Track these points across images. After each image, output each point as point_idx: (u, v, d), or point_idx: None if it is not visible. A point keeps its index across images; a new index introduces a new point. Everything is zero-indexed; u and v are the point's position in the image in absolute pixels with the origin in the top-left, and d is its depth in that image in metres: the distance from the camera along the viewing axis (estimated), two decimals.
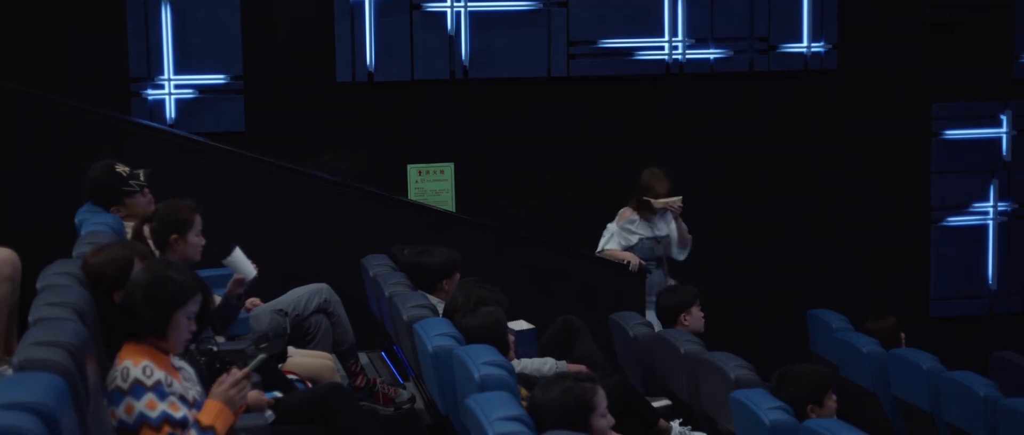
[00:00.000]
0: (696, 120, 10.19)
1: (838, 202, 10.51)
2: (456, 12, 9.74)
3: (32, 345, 3.97)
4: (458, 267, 7.14)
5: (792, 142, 10.42)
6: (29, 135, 7.96)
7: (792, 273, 10.34)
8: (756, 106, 10.32)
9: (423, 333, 5.81)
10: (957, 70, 10.59)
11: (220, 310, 6.08)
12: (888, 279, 10.58)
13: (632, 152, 9.82)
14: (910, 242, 10.73)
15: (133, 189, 6.77)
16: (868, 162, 10.56)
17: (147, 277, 4.54)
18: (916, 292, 10.72)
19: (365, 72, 9.64)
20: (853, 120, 10.50)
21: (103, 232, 6.06)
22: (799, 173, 10.45)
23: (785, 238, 10.39)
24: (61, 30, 9.15)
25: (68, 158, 8.06)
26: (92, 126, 8.34)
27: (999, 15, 10.64)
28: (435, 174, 9.69)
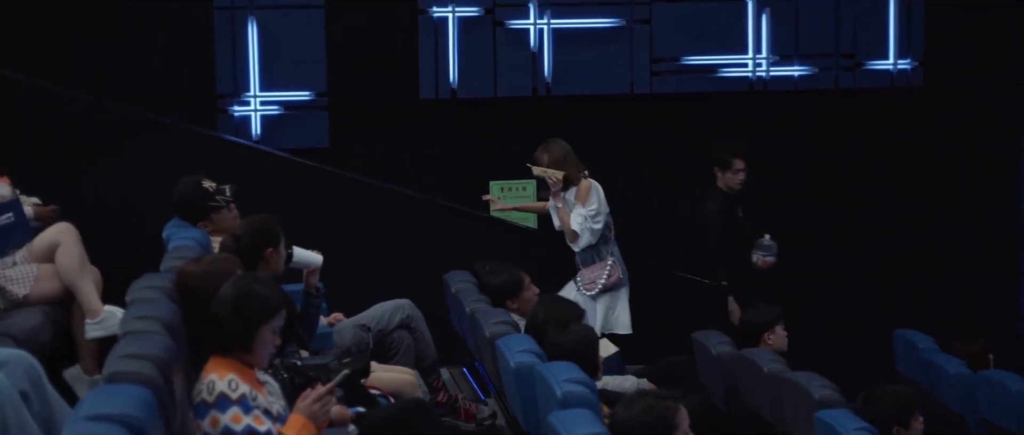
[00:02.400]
0: (780, 137, 10.10)
1: (925, 220, 10.38)
2: (539, 29, 9.75)
3: (121, 358, 4.02)
4: (522, 286, 7.14)
5: (877, 160, 10.31)
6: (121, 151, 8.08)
7: (877, 291, 10.22)
8: (841, 123, 10.22)
9: (505, 349, 5.81)
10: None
11: (304, 310, 6.12)
12: (975, 298, 10.42)
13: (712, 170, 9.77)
14: (998, 260, 10.57)
15: (219, 204, 6.86)
16: (955, 180, 10.42)
17: (234, 291, 4.59)
18: (1004, 311, 10.55)
19: (448, 89, 9.69)
20: (939, 137, 10.37)
21: (190, 247, 6.14)
22: (884, 191, 10.33)
23: (870, 256, 10.27)
24: (151, 48, 9.28)
25: (157, 173, 8.17)
26: (180, 142, 8.46)
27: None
28: (517, 191, 9.69)
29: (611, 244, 8.17)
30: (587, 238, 8.05)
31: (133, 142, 8.36)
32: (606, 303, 8.06)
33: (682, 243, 9.50)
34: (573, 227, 8.03)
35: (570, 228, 8.04)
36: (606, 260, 8.08)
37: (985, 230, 10.51)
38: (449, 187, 9.41)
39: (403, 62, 9.66)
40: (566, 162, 8.07)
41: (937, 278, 10.39)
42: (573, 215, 8.04)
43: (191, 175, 7.09)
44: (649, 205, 9.91)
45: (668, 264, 9.20)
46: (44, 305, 6.10)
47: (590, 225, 8.05)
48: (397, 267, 8.41)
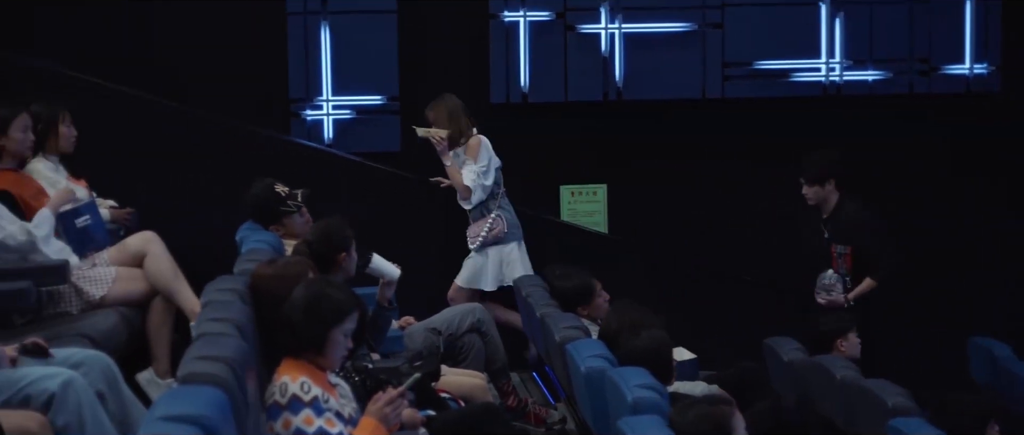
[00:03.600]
0: (853, 143, 10.00)
1: (998, 227, 10.24)
2: (610, 33, 9.74)
3: (195, 359, 4.06)
4: (594, 292, 7.12)
5: (952, 166, 10.18)
6: (193, 154, 8.16)
7: (951, 299, 10.10)
8: (915, 129, 10.11)
9: (576, 354, 5.80)
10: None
11: (373, 319, 6.15)
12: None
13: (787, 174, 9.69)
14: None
15: (291, 209, 6.93)
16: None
17: (306, 294, 4.62)
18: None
19: (519, 93, 9.70)
20: (1016, 144, 10.22)
21: (263, 250, 6.19)
22: (958, 197, 10.20)
23: (943, 263, 10.15)
24: (225, 51, 9.37)
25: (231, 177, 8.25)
26: (253, 146, 8.54)
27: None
28: (588, 195, 9.69)
29: (499, 199, 8.13)
30: (479, 195, 8.04)
31: (207, 146, 8.44)
32: (498, 257, 8.05)
33: (752, 248, 9.45)
34: (466, 183, 8.00)
35: (463, 184, 8.01)
36: (489, 215, 8.05)
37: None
38: (519, 191, 9.41)
39: (474, 66, 9.69)
40: (451, 120, 8.04)
41: (1012, 286, 10.24)
42: (464, 172, 8.01)
43: (264, 178, 7.16)
44: (719, 210, 9.86)
45: (739, 269, 9.15)
46: (121, 307, 6.18)
47: (482, 181, 8.02)
48: None
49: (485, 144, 8.05)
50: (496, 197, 8.09)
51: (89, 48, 9.01)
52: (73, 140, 7.16)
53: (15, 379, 4.47)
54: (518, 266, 8.02)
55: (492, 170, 8.04)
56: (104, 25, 9.20)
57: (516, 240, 8.12)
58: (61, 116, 7.09)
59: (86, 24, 9.16)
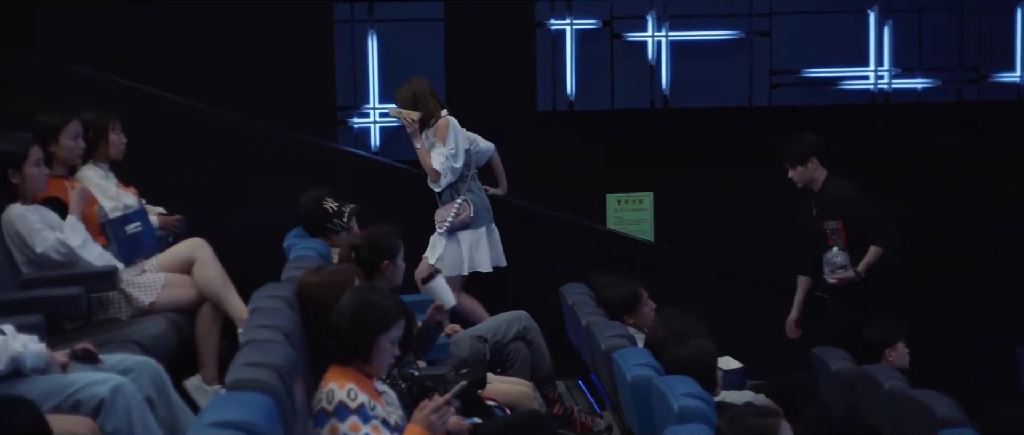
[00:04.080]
0: (903, 151, 9.95)
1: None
2: (657, 41, 9.72)
3: (243, 365, 4.09)
4: (640, 300, 7.10)
5: (1001, 175, 10.09)
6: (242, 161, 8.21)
7: (999, 309, 10.00)
8: (965, 137, 10.03)
9: (622, 362, 5.79)
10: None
11: (420, 336, 6.17)
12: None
13: None
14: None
15: (337, 228, 7.01)
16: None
17: (353, 302, 4.64)
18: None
19: (566, 101, 9.70)
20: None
21: (310, 257, 6.23)
22: (1008, 206, 10.11)
23: (993, 273, 10.06)
24: (273, 59, 9.42)
25: (278, 184, 8.31)
26: (301, 154, 8.58)
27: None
28: (634, 203, 9.67)
29: (469, 182, 8.09)
30: (449, 178, 8.01)
31: (255, 153, 8.49)
32: (468, 241, 8.03)
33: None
34: (434, 166, 7.96)
35: (432, 167, 7.97)
36: (457, 199, 8.02)
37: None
38: (566, 199, 9.41)
39: (521, 74, 9.69)
40: (420, 101, 8.01)
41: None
42: (434, 154, 7.98)
43: (315, 190, 7.20)
44: (766, 218, 9.80)
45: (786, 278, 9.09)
46: (170, 313, 6.22)
47: (451, 164, 7.98)
48: (514, 279, 8.43)
49: (453, 126, 8.02)
50: (466, 180, 8.04)
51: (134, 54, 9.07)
52: (123, 147, 7.23)
53: (65, 384, 4.51)
54: (485, 252, 8.00)
55: (461, 152, 8.00)
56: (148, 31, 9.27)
57: (485, 224, 8.09)
58: (111, 124, 7.16)
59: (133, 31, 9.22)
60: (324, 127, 9.43)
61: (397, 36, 9.55)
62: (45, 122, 6.69)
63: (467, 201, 7.97)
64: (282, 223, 7.58)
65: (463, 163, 8.01)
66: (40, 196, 6.33)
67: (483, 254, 8.00)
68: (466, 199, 7.98)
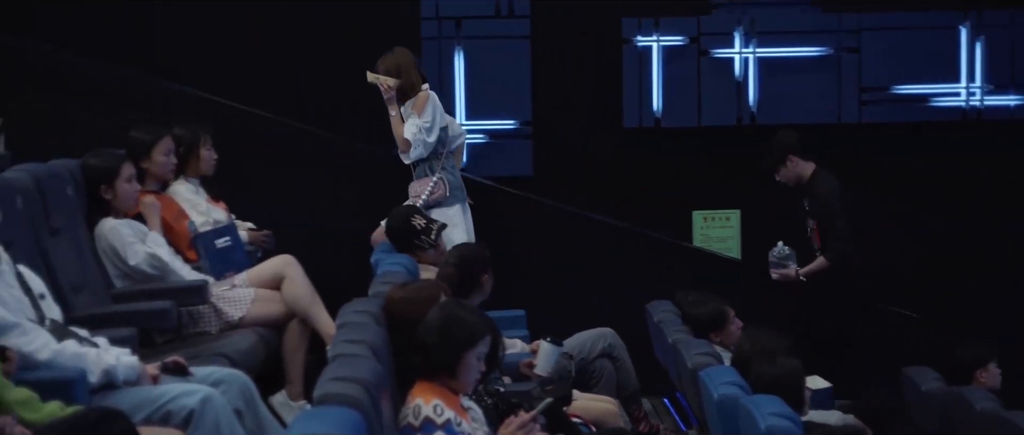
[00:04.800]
0: (995, 169, 9.80)
1: None
2: (744, 58, 9.66)
3: (330, 380, 4.11)
4: (727, 319, 7.05)
5: None
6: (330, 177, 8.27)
7: None
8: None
9: (709, 381, 5.75)
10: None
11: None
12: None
13: (927, 200, 9.55)
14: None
15: (424, 245, 7.02)
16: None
17: (440, 317, 4.65)
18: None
19: (652, 118, 9.67)
20: None
21: (398, 272, 6.25)
22: None
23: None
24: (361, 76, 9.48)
25: (366, 200, 8.37)
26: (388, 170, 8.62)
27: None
28: (721, 221, 9.61)
29: (443, 160, 7.93)
30: (420, 151, 7.82)
31: (343, 169, 8.56)
32: (440, 220, 7.75)
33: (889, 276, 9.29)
34: (405, 136, 7.80)
35: (403, 137, 7.81)
36: (432, 176, 7.86)
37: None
38: (652, 216, 9.38)
39: (607, 91, 9.68)
40: (403, 71, 7.88)
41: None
42: (407, 125, 7.81)
43: (404, 207, 7.25)
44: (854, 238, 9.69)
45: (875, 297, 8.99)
46: (258, 328, 6.29)
47: (423, 137, 7.81)
48: (599, 296, 8.41)
49: (433, 100, 7.91)
50: (440, 158, 7.93)
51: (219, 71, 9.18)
52: (213, 163, 7.32)
53: (156, 396, 4.57)
54: (460, 230, 7.91)
55: (436, 128, 7.86)
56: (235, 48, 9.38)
57: (459, 203, 7.97)
58: (202, 139, 7.26)
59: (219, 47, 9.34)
60: None
61: (484, 53, 9.59)
62: (138, 138, 6.80)
63: (442, 180, 7.89)
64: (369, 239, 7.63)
65: (437, 139, 7.88)
66: (132, 212, 6.43)
67: (459, 233, 7.93)
68: (441, 177, 7.88)
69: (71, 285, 5.85)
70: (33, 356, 4.39)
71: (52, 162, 6.33)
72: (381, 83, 7.75)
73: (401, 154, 7.90)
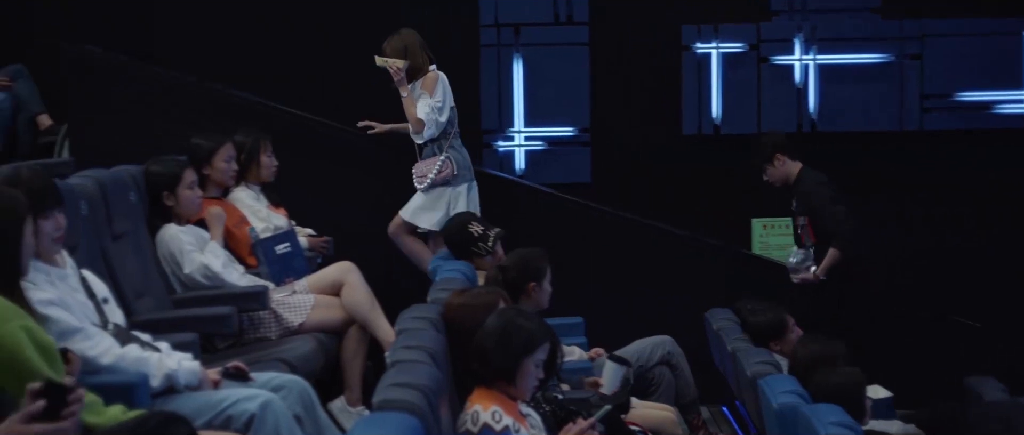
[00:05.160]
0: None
1: None
2: (804, 65, 9.61)
3: (389, 386, 4.12)
4: (786, 327, 7.01)
5: None
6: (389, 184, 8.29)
7: None
8: None
9: (768, 389, 5.72)
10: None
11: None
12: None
13: (988, 209, 9.44)
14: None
15: (481, 252, 7.03)
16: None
17: (498, 324, 4.65)
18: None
19: (711, 125, 9.64)
20: None
21: (456, 279, 6.26)
22: None
23: None
24: None
25: None
26: None
27: None
28: (780, 228, 9.55)
29: (451, 139, 7.96)
30: (432, 130, 7.85)
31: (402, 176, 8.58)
32: (446, 198, 7.89)
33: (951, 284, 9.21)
34: (419, 116, 7.82)
35: (416, 117, 7.83)
36: (439, 155, 7.88)
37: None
38: (711, 223, 9.34)
39: (666, 98, 9.66)
40: (410, 52, 7.88)
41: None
42: (420, 104, 7.83)
43: (462, 214, 7.26)
44: (917, 244, 9.63)
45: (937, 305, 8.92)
46: (318, 334, 6.32)
47: (436, 117, 7.84)
48: (658, 303, 8.39)
49: (442, 80, 7.92)
50: (448, 137, 7.95)
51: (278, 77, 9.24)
52: (273, 169, 7.37)
53: (217, 401, 4.60)
54: (466, 209, 7.92)
55: (447, 108, 7.89)
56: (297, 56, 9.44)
57: (466, 182, 7.98)
58: (263, 146, 7.31)
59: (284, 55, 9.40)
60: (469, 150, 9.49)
61: (542, 60, 9.60)
62: (200, 144, 6.85)
63: (450, 158, 7.91)
64: None
65: (447, 120, 7.93)
66: (194, 218, 6.48)
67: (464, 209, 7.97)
68: (449, 156, 7.91)
69: (134, 290, 5.91)
70: (96, 360, 4.43)
71: (115, 168, 6.39)
72: (390, 66, 7.80)
73: (414, 134, 7.94)
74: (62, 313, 4.41)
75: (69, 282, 4.63)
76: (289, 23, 9.42)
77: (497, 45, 9.58)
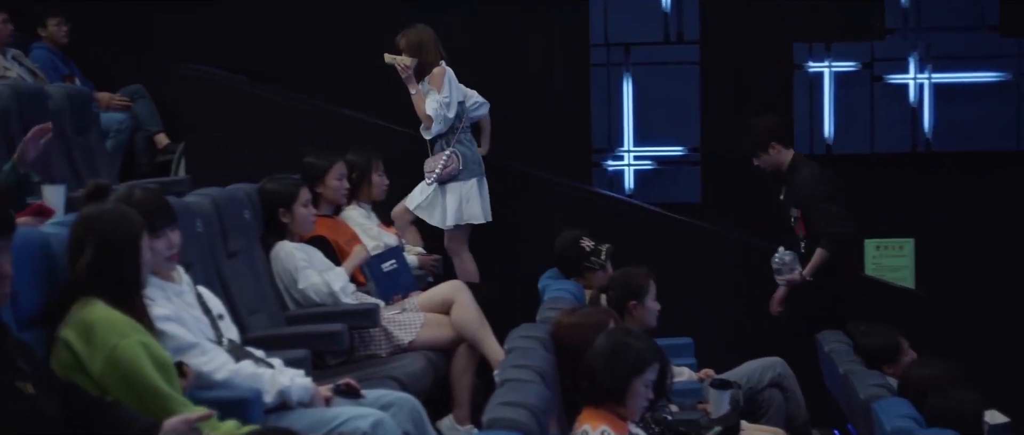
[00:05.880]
0: None
1: None
2: (919, 84, 9.48)
3: (499, 405, 4.14)
4: (900, 350, 6.89)
5: None
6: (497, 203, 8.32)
7: None
8: None
9: (882, 413, 5.63)
10: None
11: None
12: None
13: None
14: None
15: (593, 266, 7.02)
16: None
17: (608, 344, 4.65)
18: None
19: (823, 144, 9.54)
20: None
21: (565, 298, 6.27)
22: None
23: None
24: (530, 101, 9.57)
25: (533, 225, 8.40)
26: (555, 195, 8.67)
27: None
28: (894, 249, 9.42)
29: (459, 134, 7.88)
30: (440, 126, 7.81)
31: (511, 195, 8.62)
32: (457, 194, 7.81)
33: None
34: (427, 111, 7.78)
35: (425, 112, 7.79)
36: (446, 150, 7.83)
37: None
38: None
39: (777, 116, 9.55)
40: (425, 48, 7.82)
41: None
42: (428, 100, 7.78)
43: (572, 230, 7.26)
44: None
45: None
46: (427, 351, 6.35)
47: (444, 112, 7.79)
48: (768, 324, 8.30)
49: (449, 75, 7.89)
50: (456, 132, 7.90)
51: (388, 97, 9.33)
52: (384, 188, 7.43)
53: (329, 418, 4.64)
54: (476, 204, 7.88)
55: (454, 103, 7.86)
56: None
57: (475, 177, 7.93)
58: (374, 165, 7.38)
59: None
60: (579, 169, 9.51)
61: (652, 79, 9.58)
62: (313, 163, 6.94)
63: (456, 153, 7.88)
64: (538, 264, 7.66)
65: (455, 115, 7.90)
66: (307, 235, 6.56)
67: (474, 207, 7.88)
68: (455, 151, 7.88)
69: (247, 306, 5.98)
70: (211, 376, 4.50)
71: (230, 186, 6.49)
72: (397, 63, 7.82)
73: (423, 130, 7.95)
74: (178, 328, 4.49)
75: (185, 298, 4.71)
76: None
77: (607, 64, 9.58)
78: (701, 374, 6.91)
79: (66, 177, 6.82)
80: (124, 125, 9.05)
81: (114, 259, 4.10)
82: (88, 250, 4.09)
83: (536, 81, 9.61)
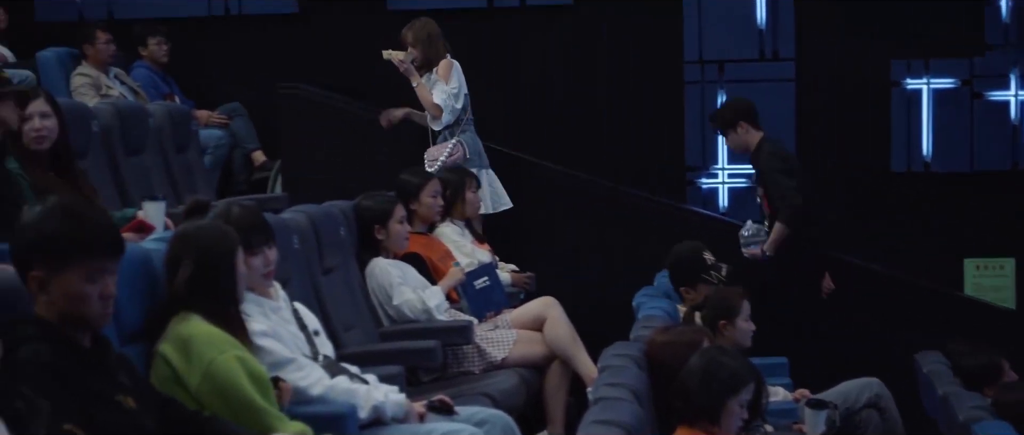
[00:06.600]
0: None
1: None
2: (1020, 101, 9.32)
3: (592, 423, 4.13)
4: (1001, 371, 6.77)
5: None
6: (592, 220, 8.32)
7: None
8: None
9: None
10: None
11: None
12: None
13: None
14: None
15: (711, 280, 6.95)
16: None
17: (701, 363, 4.62)
18: None
19: (921, 162, 9.42)
20: None
21: (658, 316, 6.24)
22: None
23: None
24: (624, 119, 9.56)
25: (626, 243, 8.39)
26: (650, 212, 8.64)
27: None
28: (994, 269, 9.27)
29: (464, 125, 7.84)
30: (449, 117, 7.80)
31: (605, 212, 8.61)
32: None
33: None
34: (436, 101, 7.77)
35: (433, 103, 7.78)
36: (450, 141, 7.78)
37: None
38: (921, 263, 9.11)
39: (874, 134, 9.47)
40: (432, 41, 7.82)
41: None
42: (436, 91, 7.78)
43: (692, 241, 7.22)
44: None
45: None
46: (520, 368, 6.36)
47: (452, 103, 7.78)
48: (865, 344, 8.21)
49: (456, 67, 7.90)
50: (461, 123, 7.89)
51: None
52: (477, 206, 7.46)
53: (423, 433, 4.67)
54: (486, 195, 7.82)
55: (462, 94, 7.87)
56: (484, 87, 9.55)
57: (479, 168, 7.89)
58: (468, 182, 7.42)
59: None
60: (672, 187, 9.47)
61: (747, 95, 9.48)
62: (408, 180, 7.00)
63: (461, 142, 7.85)
64: (631, 282, 7.64)
65: (462, 106, 7.90)
66: (401, 252, 6.60)
67: (483, 197, 7.82)
68: (460, 140, 7.86)
69: (343, 322, 6.03)
70: (307, 391, 4.54)
71: (326, 203, 6.55)
72: (394, 58, 7.84)
73: (432, 121, 7.96)
74: (275, 344, 4.53)
75: (281, 314, 4.76)
76: (496, 61, 9.54)
77: (701, 82, 9.54)
78: (796, 394, 6.83)
79: (166, 193, 6.94)
80: (222, 142, 9.19)
81: (211, 274, 4.16)
82: (185, 266, 4.15)
83: (630, 98, 9.59)
